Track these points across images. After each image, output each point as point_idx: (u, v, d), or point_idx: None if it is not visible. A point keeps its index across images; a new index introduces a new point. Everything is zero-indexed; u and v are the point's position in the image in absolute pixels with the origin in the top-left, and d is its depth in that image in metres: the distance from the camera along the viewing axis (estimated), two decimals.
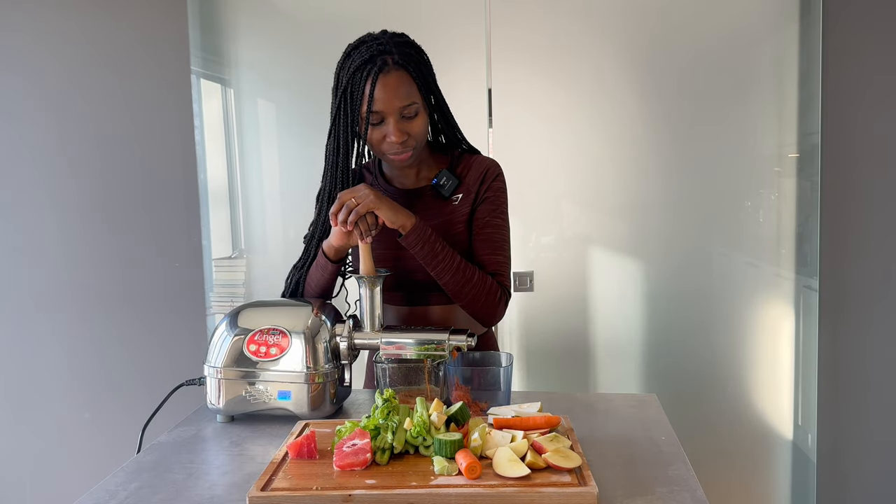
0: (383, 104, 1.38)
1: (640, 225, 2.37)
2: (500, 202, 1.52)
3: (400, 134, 1.40)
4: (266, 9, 2.47)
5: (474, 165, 1.52)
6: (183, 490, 1.08)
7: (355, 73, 1.39)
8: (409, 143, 1.42)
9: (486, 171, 1.51)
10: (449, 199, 1.51)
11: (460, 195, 1.51)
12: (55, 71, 2.44)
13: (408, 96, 1.39)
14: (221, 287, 2.52)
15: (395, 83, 1.38)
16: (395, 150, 1.42)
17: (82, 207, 2.47)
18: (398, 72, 1.38)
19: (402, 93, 1.38)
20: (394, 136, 1.39)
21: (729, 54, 2.31)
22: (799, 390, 2.37)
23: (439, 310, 1.53)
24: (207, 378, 1.36)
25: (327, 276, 1.48)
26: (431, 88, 1.47)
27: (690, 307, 2.37)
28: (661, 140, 2.34)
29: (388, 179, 1.57)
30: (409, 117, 1.41)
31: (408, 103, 1.39)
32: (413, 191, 1.54)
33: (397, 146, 1.41)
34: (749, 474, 2.41)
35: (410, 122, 1.41)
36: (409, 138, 1.41)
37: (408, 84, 1.39)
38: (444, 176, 1.49)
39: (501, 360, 1.34)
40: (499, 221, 1.51)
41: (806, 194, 2.31)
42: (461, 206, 1.50)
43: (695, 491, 1.03)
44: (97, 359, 2.51)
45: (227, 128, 2.53)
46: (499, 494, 0.97)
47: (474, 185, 1.50)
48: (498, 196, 1.51)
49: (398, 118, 1.39)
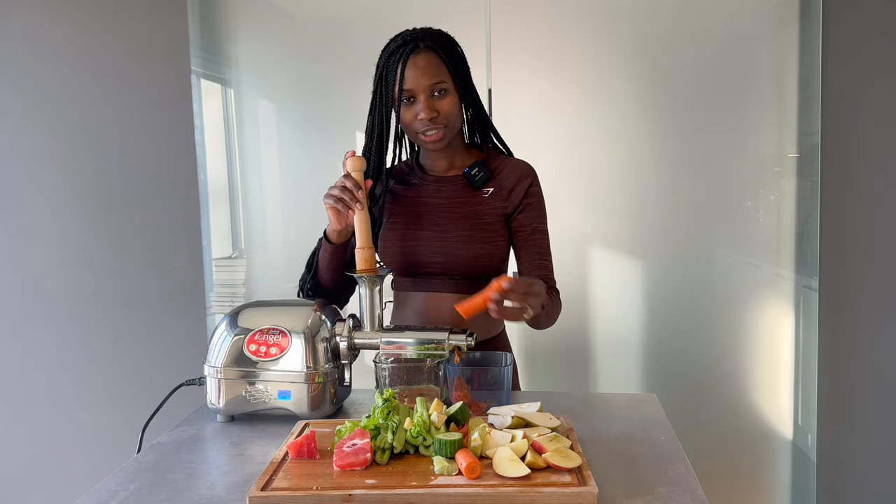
0: (413, 82, 1.44)
1: (640, 225, 2.37)
2: (542, 208, 1.56)
3: (429, 111, 1.44)
4: (266, 9, 2.47)
5: (509, 166, 1.55)
6: (183, 490, 1.08)
7: (389, 58, 1.46)
8: (438, 121, 1.46)
9: (523, 175, 1.54)
10: (479, 189, 1.53)
11: (491, 189, 1.53)
12: (55, 71, 2.44)
13: (436, 75, 1.45)
14: (221, 287, 2.52)
15: (425, 62, 1.44)
16: (425, 128, 1.46)
17: (82, 208, 2.47)
18: (428, 53, 1.45)
19: (430, 71, 1.44)
20: (423, 112, 1.44)
21: (729, 54, 2.31)
22: (799, 390, 2.37)
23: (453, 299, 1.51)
24: (207, 378, 1.36)
25: (328, 257, 1.49)
26: (464, 77, 1.51)
27: (690, 307, 2.37)
28: (661, 140, 2.34)
29: (423, 169, 1.60)
30: (439, 96, 1.45)
31: (437, 81, 1.45)
32: (445, 178, 1.56)
33: (427, 123, 1.45)
34: (749, 474, 2.41)
35: (440, 101, 1.46)
36: (440, 116, 1.45)
37: (437, 64, 1.45)
38: (477, 167, 1.53)
39: (501, 360, 1.34)
40: (543, 228, 1.55)
41: (806, 194, 2.31)
42: (491, 199, 1.52)
43: (695, 491, 1.03)
44: (97, 359, 2.51)
45: (227, 128, 2.53)
46: (499, 494, 0.97)
47: (509, 185, 1.53)
48: (540, 202, 1.56)
49: (428, 96, 1.44)
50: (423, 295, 1.54)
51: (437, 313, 1.52)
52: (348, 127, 2.46)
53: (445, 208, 1.53)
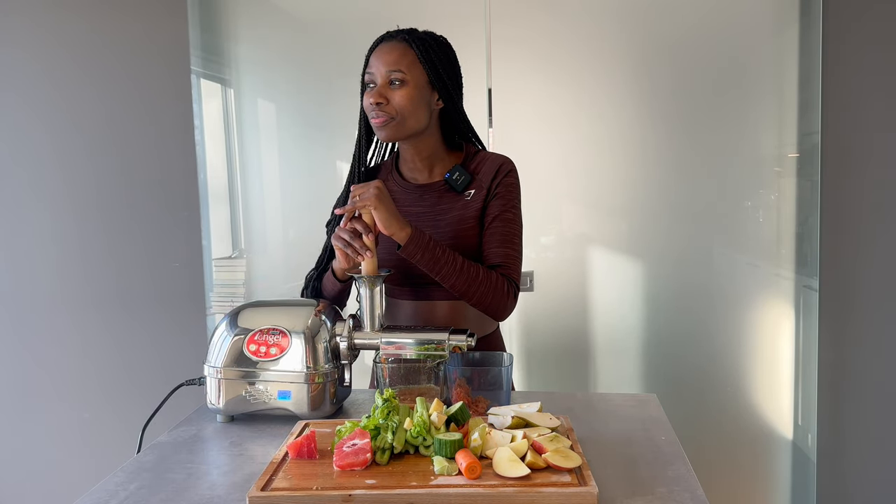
0: (374, 67, 1.45)
1: (640, 225, 2.37)
2: (511, 197, 1.52)
3: (377, 95, 1.43)
4: (266, 9, 2.47)
5: (487, 162, 1.54)
6: (183, 490, 1.08)
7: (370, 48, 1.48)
8: (385, 109, 1.43)
9: (499, 168, 1.52)
10: (461, 193, 1.52)
11: (472, 191, 1.52)
12: (54, 71, 2.44)
13: (396, 63, 1.43)
14: (221, 287, 2.52)
15: (388, 50, 1.45)
16: (372, 113, 1.44)
17: (82, 208, 2.47)
18: (398, 43, 1.45)
19: (391, 59, 1.44)
20: (371, 96, 1.43)
21: (729, 54, 2.31)
22: (799, 390, 2.37)
23: (447, 305, 1.53)
24: (207, 378, 1.36)
25: (337, 290, 1.52)
26: (442, 77, 1.48)
27: (690, 307, 2.37)
28: (661, 140, 2.34)
29: (402, 175, 1.58)
30: (395, 86, 1.43)
31: (393, 69, 1.43)
32: (426, 185, 1.55)
33: (374, 108, 1.43)
34: (749, 474, 2.41)
35: (393, 91, 1.44)
36: (388, 105, 1.43)
37: (402, 54, 1.44)
38: (457, 171, 1.51)
39: (502, 360, 1.34)
40: (509, 216, 1.51)
41: (806, 194, 2.31)
42: (473, 201, 1.51)
43: (695, 491, 1.03)
44: (97, 359, 2.50)
45: (227, 128, 2.53)
46: (499, 494, 0.97)
47: (486, 182, 1.51)
48: (509, 191, 1.52)
49: (384, 82, 1.44)
50: (416, 302, 1.54)
51: (431, 320, 1.53)
52: (348, 127, 2.45)
53: (429, 216, 1.52)
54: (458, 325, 1.51)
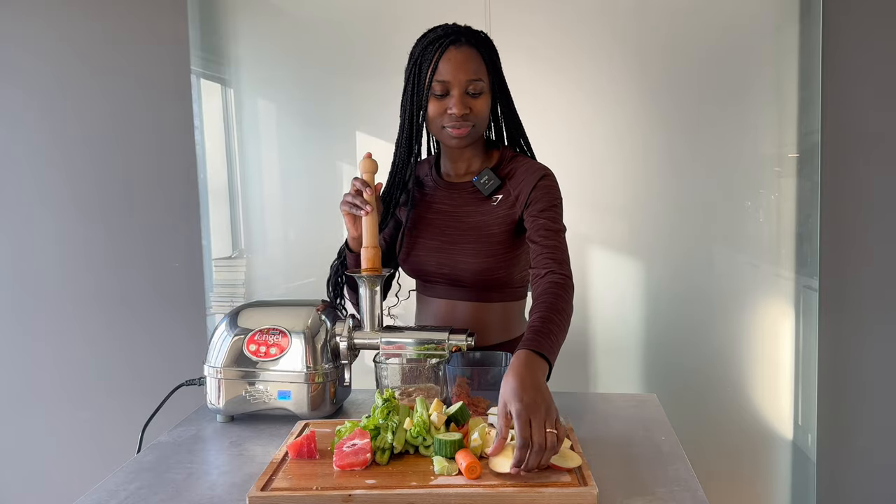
0: (451, 75, 1.38)
1: (640, 225, 2.37)
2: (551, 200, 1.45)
3: (462, 107, 1.39)
4: (266, 9, 2.47)
5: (521, 169, 1.47)
6: (183, 490, 1.08)
7: (428, 46, 1.40)
8: (469, 119, 1.40)
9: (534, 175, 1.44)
10: (489, 198, 1.48)
11: (500, 196, 1.47)
12: (54, 71, 2.44)
13: (475, 72, 1.40)
14: (221, 287, 2.52)
15: (465, 57, 1.39)
16: (453, 123, 1.40)
17: (82, 208, 2.47)
18: (469, 48, 1.40)
19: (470, 67, 1.39)
20: (456, 107, 1.38)
21: (729, 54, 2.31)
22: (799, 390, 2.37)
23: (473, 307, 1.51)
24: (207, 378, 1.36)
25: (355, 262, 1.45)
26: (500, 78, 1.47)
27: (690, 307, 2.37)
28: (661, 140, 2.34)
29: (441, 173, 1.55)
30: (474, 94, 1.40)
31: (475, 78, 1.40)
32: (456, 184, 1.52)
33: (458, 119, 1.39)
34: (749, 474, 2.41)
35: (474, 100, 1.41)
36: (471, 114, 1.40)
37: (477, 62, 1.41)
38: (486, 175, 1.47)
39: (501, 360, 1.34)
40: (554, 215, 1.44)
41: (806, 194, 2.31)
42: (499, 207, 1.47)
43: (695, 491, 1.03)
44: (97, 359, 2.50)
45: (227, 128, 2.53)
46: (499, 494, 0.97)
47: (516, 190, 1.45)
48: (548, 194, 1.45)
49: (462, 91, 1.39)
50: (439, 300, 1.54)
51: (453, 319, 1.52)
52: (348, 127, 2.46)
53: (454, 217, 1.49)
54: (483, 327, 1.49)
